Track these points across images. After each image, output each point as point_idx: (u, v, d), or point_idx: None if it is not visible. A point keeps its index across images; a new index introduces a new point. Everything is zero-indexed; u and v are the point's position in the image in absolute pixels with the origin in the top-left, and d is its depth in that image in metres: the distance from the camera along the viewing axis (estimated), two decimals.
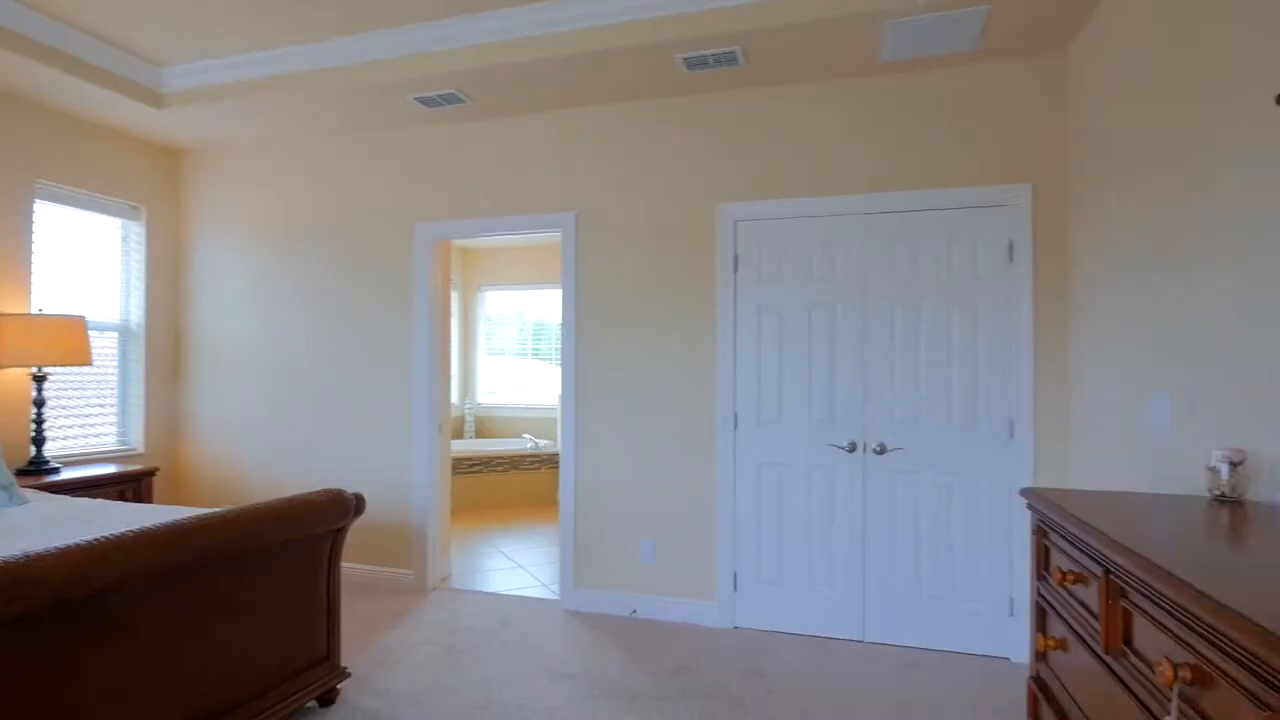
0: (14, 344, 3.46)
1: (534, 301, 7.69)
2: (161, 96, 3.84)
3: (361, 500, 2.65)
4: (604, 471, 3.69)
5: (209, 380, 4.49)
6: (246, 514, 2.18)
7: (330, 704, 2.63)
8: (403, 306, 4.05)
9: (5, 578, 1.52)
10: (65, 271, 4.03)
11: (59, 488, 3.43)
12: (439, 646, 3.18)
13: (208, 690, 2.11)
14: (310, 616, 2.53)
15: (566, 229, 3.76)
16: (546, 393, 7.53)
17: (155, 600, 1.94)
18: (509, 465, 6.33)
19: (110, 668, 1.82)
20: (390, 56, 3.42)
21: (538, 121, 3.84)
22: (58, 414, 3.98)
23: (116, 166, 4.23)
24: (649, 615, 3.59)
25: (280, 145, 4.35)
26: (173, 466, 4.54)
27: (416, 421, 3.99)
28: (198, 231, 4.55)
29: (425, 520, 3.97)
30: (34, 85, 3.53)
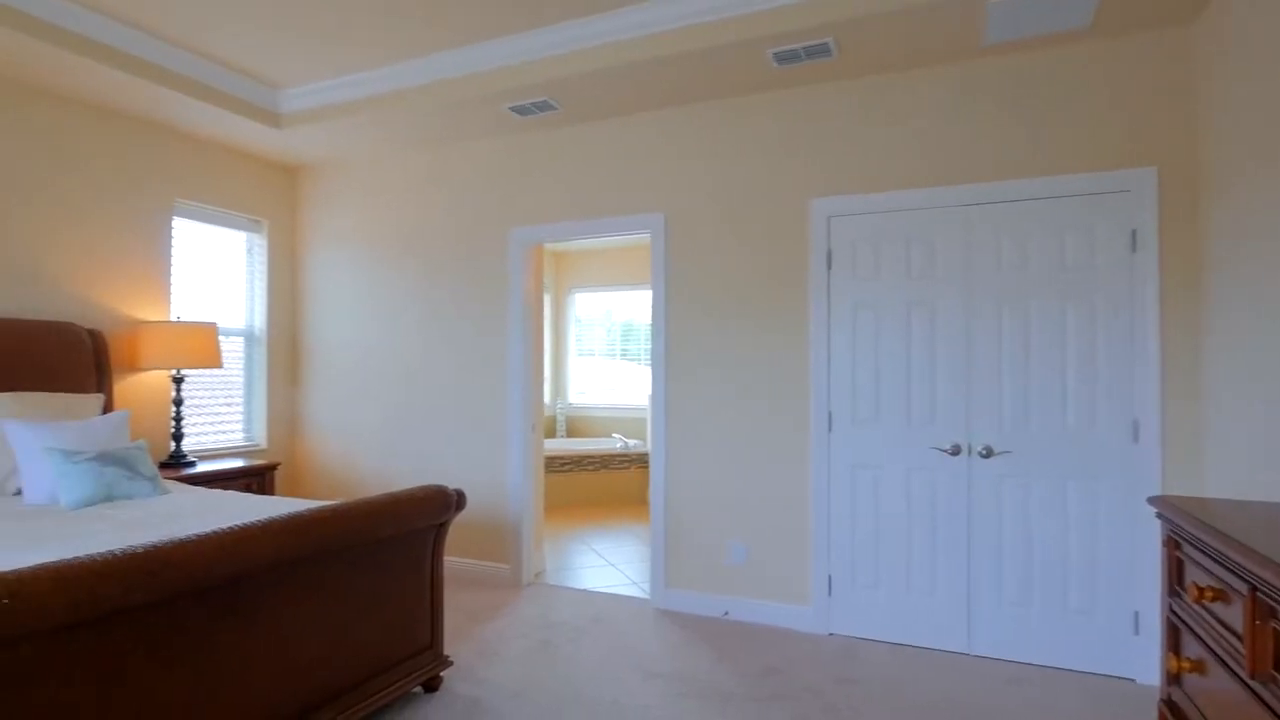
0: (156, 349, 3.81)
1: (622, 303, 7.78)
2: (279, 117, 4.14)
3: (462, 496, 2.75)
4: (695, 472, 3.69)
5: (322, 382, 4.79)
6: (358, 508, 2.31)
7: (434, 691, 2.74)
8: (498, 310, 4.19)
9: (153, 562, 1.68)
10: (198, 282, 4.41)
11: (195, 480, 3.75)
12: (535, 641, 3.27)
13: (326, 672, 2.24)
14: (416, 606, 2.65)
15: (656, 230, 3.78)
16: (635, 393, 7.60)
17: (279, 587, 2.08)
18: (599, 464, 6.43)
19: (240, 649, 1.97)
20: (485, 69, 3.54)
21: (626, 124, 3.88)
22: (192, 412, 4.35)
23: (241, 184, 4.58)
24: (740, 617, 3.55)
25: (384, 159, 4.59)
26: (291, 461, 4.88)
27: (511, 421, 4.11)
28: (311, 243, 4.87)
29: (520, 517, 4.09)
30: (172, 112, 3.87)
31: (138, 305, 3.99)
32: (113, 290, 3.88)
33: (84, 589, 1.53)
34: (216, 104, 3.77)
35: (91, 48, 3.22)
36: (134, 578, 1.63)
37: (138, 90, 3.55)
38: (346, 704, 2.30)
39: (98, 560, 1.58)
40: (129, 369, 3.95)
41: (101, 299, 3.83)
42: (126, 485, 2.92)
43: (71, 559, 1.56)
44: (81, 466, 2.82)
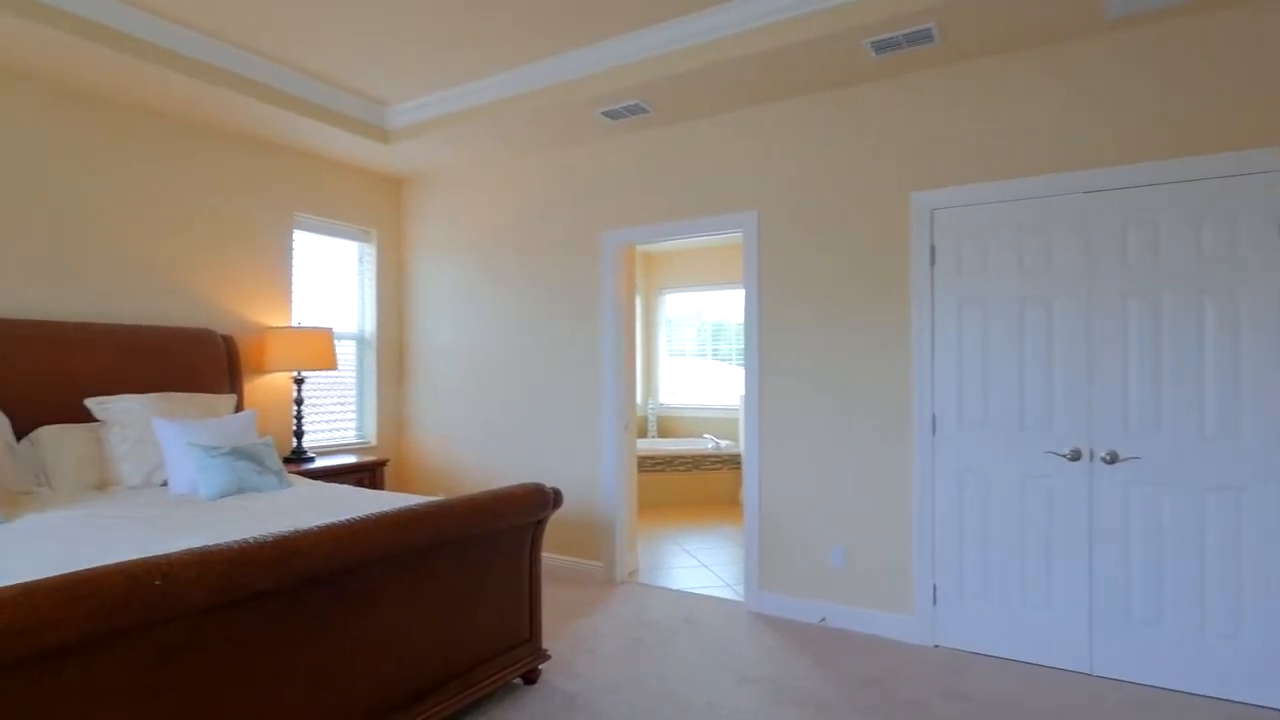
0: (280, 352, 4.10)
1: (712, 302, 7.73)
2: (387, 133, 4.37)
3: (559, 494, 2.81)
4: (789, 474, 3.62)
5: (426, 382, 5.02)
6: (462, 504, 2.40)
7: (533, 683, 2.82)
8: (591, 312, 4.26)
9: (281, 551, 1.81)
10: (315, 290, 4.72)
11: (313, 474, 4.01)
12: (629, 639, 3.30)
13: (433, 659, 2.35)
14: (515, 600, 2.73)
15: (748, 229, 3.73)
16: (726, 393, 7.54)
17: (390, 577, 2.20)
18: (690, 465, 6.42)
19: (356, 634, 2.09)
20: (578, 76, 3.60)
21: (718, 123, 3.85)
22: (310, 411, 4.66)
23: (352, 197, 4.87)
24: (838, 624, 3.46)
25: (482, 167, 4.76)
26: (399, 457, 5.14)
27: (605, 421, 4.17)
28: (415, 250, 5.11)
29: (614, 516, 4.14)
30: (293, 133, 4.16)
31: (263, 312, 4.32)
32: (242, 299, 4.21)
33: (223, 575, 1.67)
34: (332, 124, 4.03)
35: (225, 77, 3.50)
36: (265, 565, 1.76)
37: (266, 115, 3.83)
38: (453, 690, 2.40)
39: (234, 548, 1.71)
40: (256, 371, 4.28)
41: (233, 307, 4.16)
42: (256, 479, 3.16)
43: (212, 546, 1.71)
44: (218, 461, 3.08)
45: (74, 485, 3.07)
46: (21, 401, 3.14)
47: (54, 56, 3.14)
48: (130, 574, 1.50)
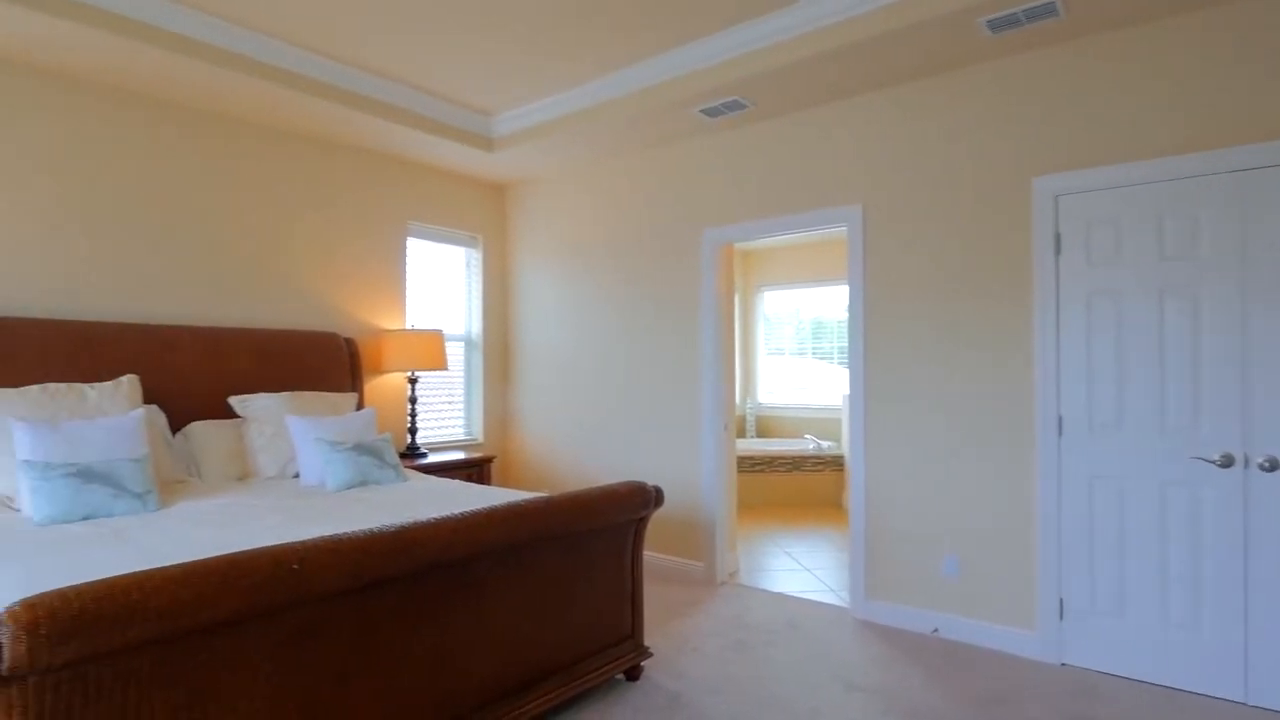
0: (396, 354, 4.34)
1: (811, 300, 7.55)
2: (491, 141, 4.53)
3: (660, 493, 2.82)
4: (898, 477, 3.47)
5: (529, 382, 5.18)
6: (567, 501, 2.46)
7: (635, 680, 2.84)
8: (690, 310, 4.26)
9: (403, 541, 1.91)
10: (427, 294, 4.96)
11: (426, 469, 4.22)
12: (730, 640, 3.27)
13: (541, 651, 2.41)
14: (617, 597, 2.77)
15: (853, 223, 3.62)
16: (827, 392, 7.34)
17: (501, 569, 2.27)
18: (791, 466, 6.29)
19: (468, 622, 2.18)
20: (676, 75, 3.61)
21: (819, 115, 3.75)
22: (422, 409, 4.91)
23: (459, 204, 5.09)
24: (951, 636, 3.29)
25: (581, 170, 4.86)
26: (504, 454, 5.32)
27: (704, 420, 4.15)
28: (519, 254, 5.28)
29: (714, 516, 4.11)
30: (405, 146, 4.40)
31: (381, 316, 4.58)
32: (362, 304, 4.48)
33: (352, 561, 1.78)
34: (441, 135, 4.22)
35: (346, 96, 3.74)
36: (388, 554, 1.86)
37: (382, 129, 4.07)
38: (560, 682, 2.46)
39: (362, 537, 1.82)
40: (374, 371, 4.54)
41: (353, 312, 4.44)
42: (376, 472, 3.36)
43: (342, 534, 1.82)
44: (343, 455, 3.29)
45: (219, 475, 3.36)
46: (176, 399, 3.48)
47: (197, 84, 3.45)
48: (274, 558, 1.63)
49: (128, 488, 2.64)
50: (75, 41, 2.99)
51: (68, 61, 3.18)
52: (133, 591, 1.41)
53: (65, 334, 3.16)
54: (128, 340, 3.34)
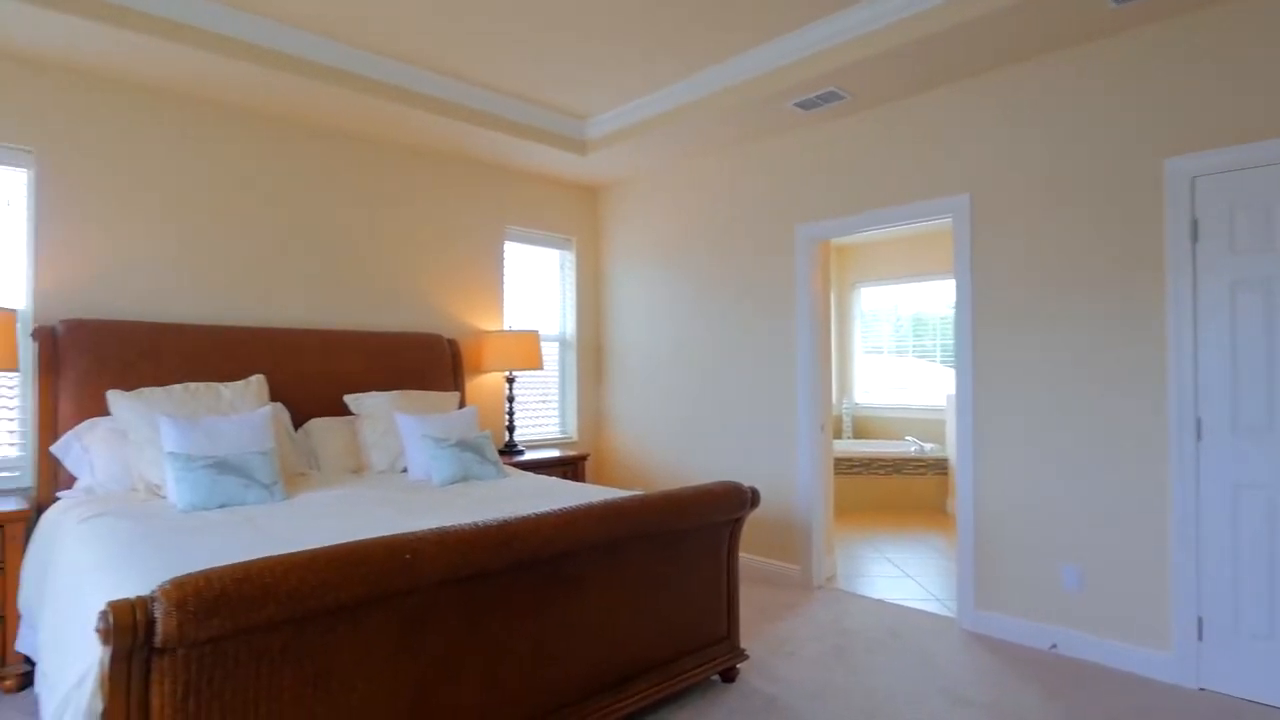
0: (494, 354, 4.49)
1: (911, 296, 7.25)
2: (585, 144, 4.61)
3: (756, 494, 2.78)
4: (1011, 482, 3.28)
5: (622, 381, 5.23)
6: (663, 499, 2.46)
7: (731, 681, 2.81)
8: (785, 308, 4.18)
9: (506, 534, 1.96)
10: (523, 295, 5.11)
11: (524, 465, 4.34)
12: (828, 646, 3.18)
13: (637, 647, 2.43)
14: (712, 597, 2.75)
15: (958, 214, 3.44)
16: (930, 392, 7.03)
17: (597, 565, 2.30)
18: (891, 469, 6.06)
19: (568, 616, 2.22)
20: (769, 69, 3.55)
21: (922, 102, 3.60)
22: (519, 408, 5.05)
23: (554, 207, 5.21)
24: (1071, 653, 3.07)
25: (672, 169, 4.86)
26: (597, 452, 5.40)
27: (800, 420, 4.06)
28: (611, 254, 5.34)
29: (810, 518, 4.02)
30: (503, 152, 4.54)
31: (480, 318, 4.76)
32: (462, 306, 4.67)
33: (458, 553, 1.85)
34: (538, 140, 4.33)
35: (446, 106, 3.91)
36: (492, 547, 1.92)
37: (481, 138, 4.22)
38: (656, 679, 2.47)
39: (468, 530, 1.89)
40: (474, 371, 4.72)
41: (455, 314, 4.63)
42: (478, 468, 3.49)
43: (449, 527, 1.90)
44: (447, 451, 3.43)
45: (336, 468, 3.58)
46: (298, 397, 3.73)
47: (317, 105, 3.69)
48: (388, 548, 1.72)
49: (257, 478, 2.86)
50: (214, 71, 3.26)
51: (208, 91, 3.47)
52: (266, 575, 1.52)
53: (203, 338, 3.45)
54: (256, 343, 3.62)
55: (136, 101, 3.45)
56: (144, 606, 1.40)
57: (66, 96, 3.27)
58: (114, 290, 3.39)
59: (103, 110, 3.36)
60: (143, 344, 3.26)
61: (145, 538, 2.23)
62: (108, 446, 2.99)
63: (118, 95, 3.40)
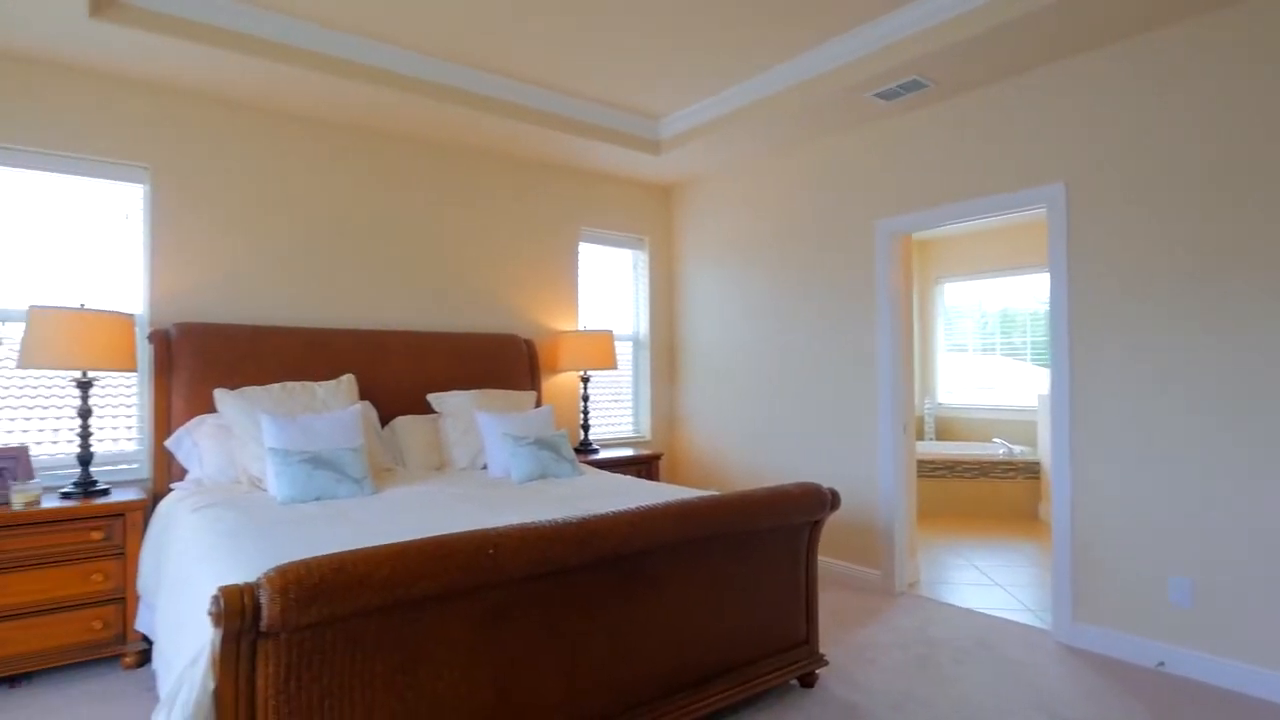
0: (570, 354, 4.56)
1: (997, 291, 6.92)
2: (658, 144, 4.62)
3: (836, 496, 2.72)
4: (1112, 488, 3.08)
5: (695, 380, 5.21)
6: (740, 500, 2.43)
7: (810, 687, 2.76)
8: (864, 305, 4.06)
9: (584, 532, 1.99)
10: (597, 295, 5.16)
11: (599, 464, 4.39)
12: (912, 654, 3.08)
13: (714, 648, 2.41)
14: (791, 600, 2.70)
15: (1054, 203, 3.26)
16: (1019, 392, 6.69)
17: (675, 565, 2.30)
18: (977, 472, 5.81)
19: (645, 614, 2.22)
20: (846, 61, 3.46)
21: (1010, 88, 3.42)
22: (593, 407, 5.10)
23: (626, 208, 5.24)
24: (1182, 671, 2.86)
25: (746, 167, 4.81)
26: (671, 451, 5.40)
27: (881, 420, 3.94)
28: (684, 253, 5.33)
29: (892, 521, 3.90)
30: (577, 155, 4.60)
31: (555, 318, 4.83)
32: (539, 307, 4.76)
33: (538, 549, 1.88)
34: (611, 141, 4.37)
35: (525, 112, 3.99)
36: (571, 543, 1.95)
37: (557, 141, 4.29)
38: (734, 681, 2.44)
39: (548, 527, 1.92)
40: (550, 370, 4.80)
41: (531, 315, 4.72)
42: (555, 466, 3.54)
43: (529, 524, 1.94)
44: (525, 449, 3.50)
45: (420, 464, 3.71)
46: (385, 395, 3.89)
47: (399, 114, 3.84)
48: (472, 543, 1.77)
49: (349, 473, 2.99)
50: (309, 86, 3.44)
51: (303, 106, 3.67)
52: (360, 565, 1.59)
53: (299, 339, 3.65)
54: (346, 344, 3.79)
55: (236, 118, 3.68)
56: (251, 592, 1.49)
57: (176, 115, 3.51)
58: (219, 295, 3.62)
59: (207, 127, 3.60)
60: (245, 346, 3.47)
61: (249, 528, 2.37)
62: (214, 441, 3.20)
63: (220, 112, 3.63)
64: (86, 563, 2.86)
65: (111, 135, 3.35)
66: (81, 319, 2.90)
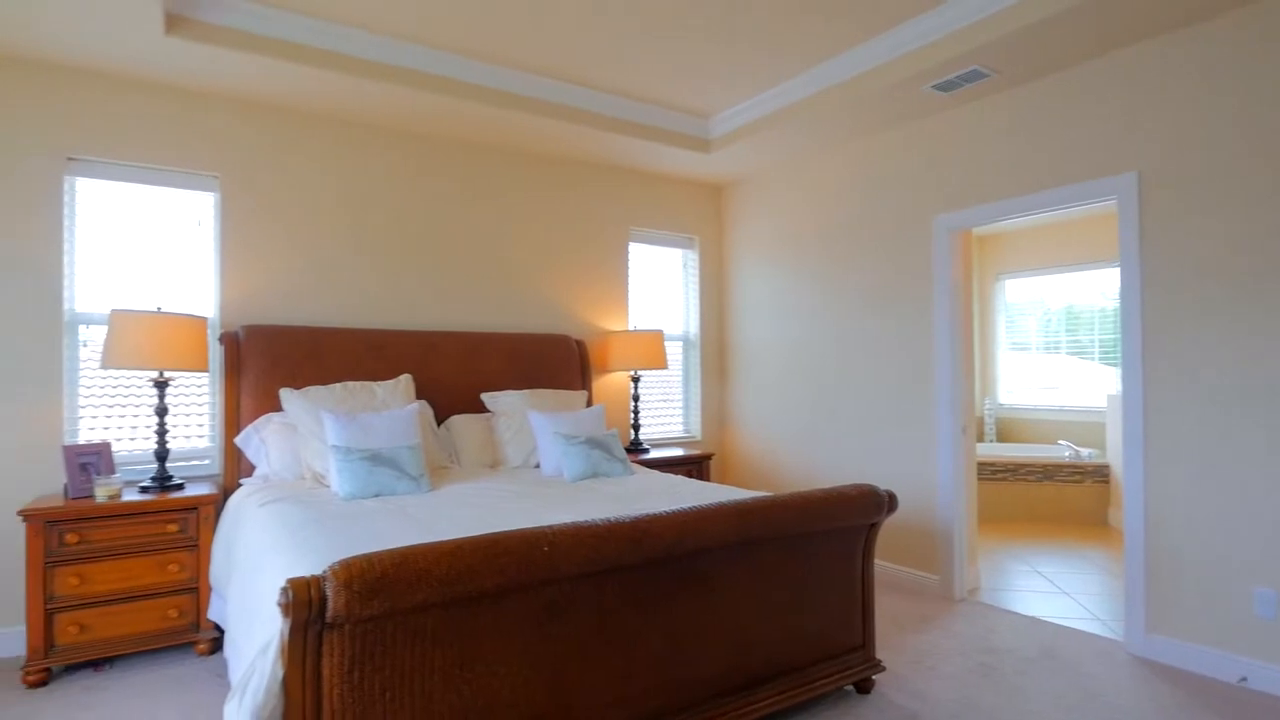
0: (620, 354, 4.57)
1: (1062, 287, 6.66)
2: (709, 143, 4.59)
3: (893, 498, 2.65)
4: (1190, 493, 2.93)
5: (746, 380, 5.16)
6: (794, 501, 2.40)
7: (866, 693, 2.70)
8: (921, 303, 3.96)
9: (637, 531, 1.99)
10: (646, 295, 5.16)
11: (649, 464, 4.38)
12: (974, 663, 2.98)
13: (767, 650, 2.38)
14: (846, 604, 2.65)
15: (1124, 194, 3.12)
16: (1086, 392, 6.43)
17: (727, 565, 2.28)
18: (1042, 475, 5.60)
19: (696, 614, 2.21)
20: (901, 53, 3.38)
21: (1078, 75, 3.29)
22: (643, 406, 5.11)
23: (676, 207, 5.23)
24: (1266, 688, 2.70)
25: (798, 164, 4.74)
26: (722, 451, 5.37)
27: (940, 421, 3.84)
28: (734, 252, 5.29)
29: (951, 525, 3.79)
30: (628, 156, 4.61)
31: (605, 318, 4.86)
32: (589, 308, 4.79)
33: (592, 547, 1.89)
34: (662, 141, 4.37)
35: (574, 113, 4.02)
36: (624, 542, 1.95)
37: (608, 142, 4.31)
38: (789, 684, 2.41)
39: (601, 525, 1.93)
40: (600, 370, 4.82)
41: (582, 315, 4.76)
42: (606, 465, 3.56)
43: (584, 522, 1.95)
44: (577, 448, 3.53)
45: (474, 462, 3.78)
46: (441, 395, 3.97)
47: (457, 119, 3.91)
48: (527, 540, 1.79)
49: (407, 470, 3.07)
50: (365, 95, 3.54)
51: (360, 113, 3.78)
52: (419, 560, 1.62)
53: (358, 340, 3.75)
54: (403, 345, 3.89)
55: (299, 127, 3.81)
56: (317, 584, 1.54)
57: (243, 126, 3.66)
58: (284, 298, 3.76)
59: (272, 136, 3.74)
60: (308, 346, 3.59)
61: (313, 522, 2.45)
62: (280, 439, 3.32)
63: (284, 122, 3.77)
64: (163, 553, 3.00)
65: (184, 146, 3.51)
66: (158, 321, 3.04)
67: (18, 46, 3.05)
